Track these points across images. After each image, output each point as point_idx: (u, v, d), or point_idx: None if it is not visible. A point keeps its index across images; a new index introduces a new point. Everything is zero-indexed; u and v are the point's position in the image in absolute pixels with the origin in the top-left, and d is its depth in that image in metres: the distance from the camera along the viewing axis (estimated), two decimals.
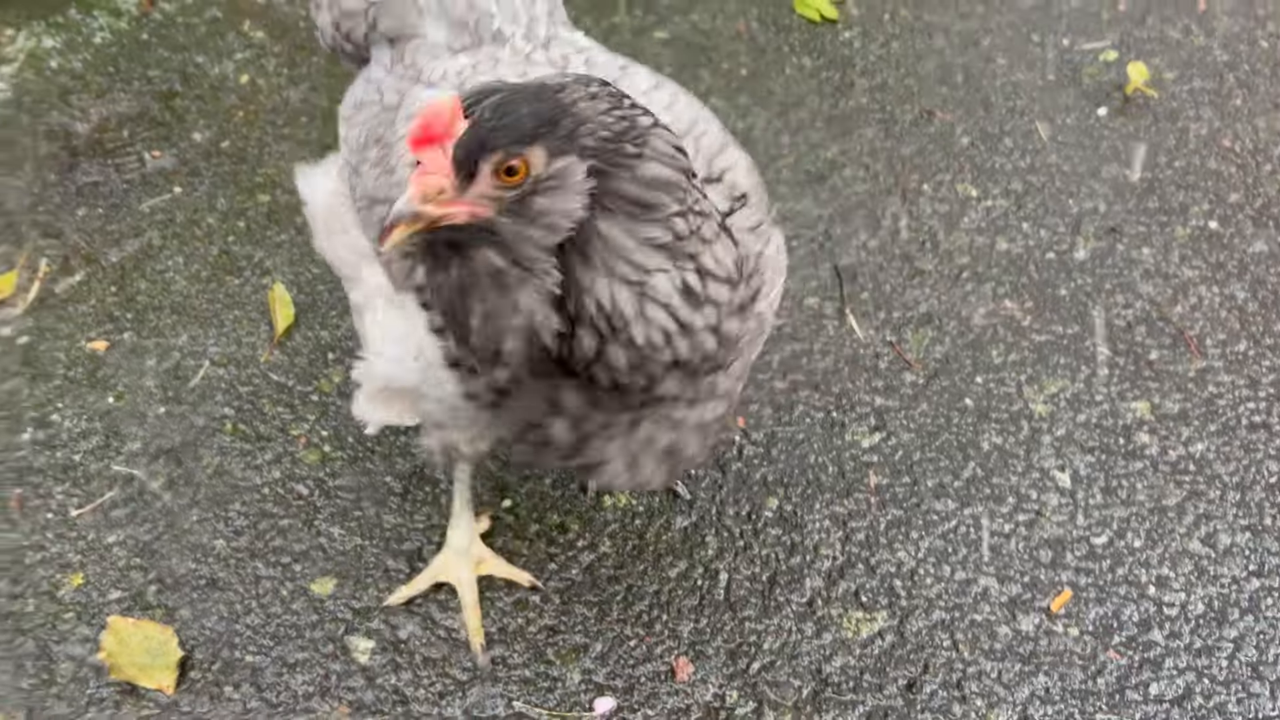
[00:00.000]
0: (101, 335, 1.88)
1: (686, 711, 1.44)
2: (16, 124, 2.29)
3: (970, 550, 1.62)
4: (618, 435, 1.11)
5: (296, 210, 2.13)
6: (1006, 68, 2.56)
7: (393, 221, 0.89)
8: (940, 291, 2.02)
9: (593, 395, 1.03)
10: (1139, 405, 1.83)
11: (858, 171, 2.28)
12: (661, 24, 2.67)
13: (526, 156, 0.90)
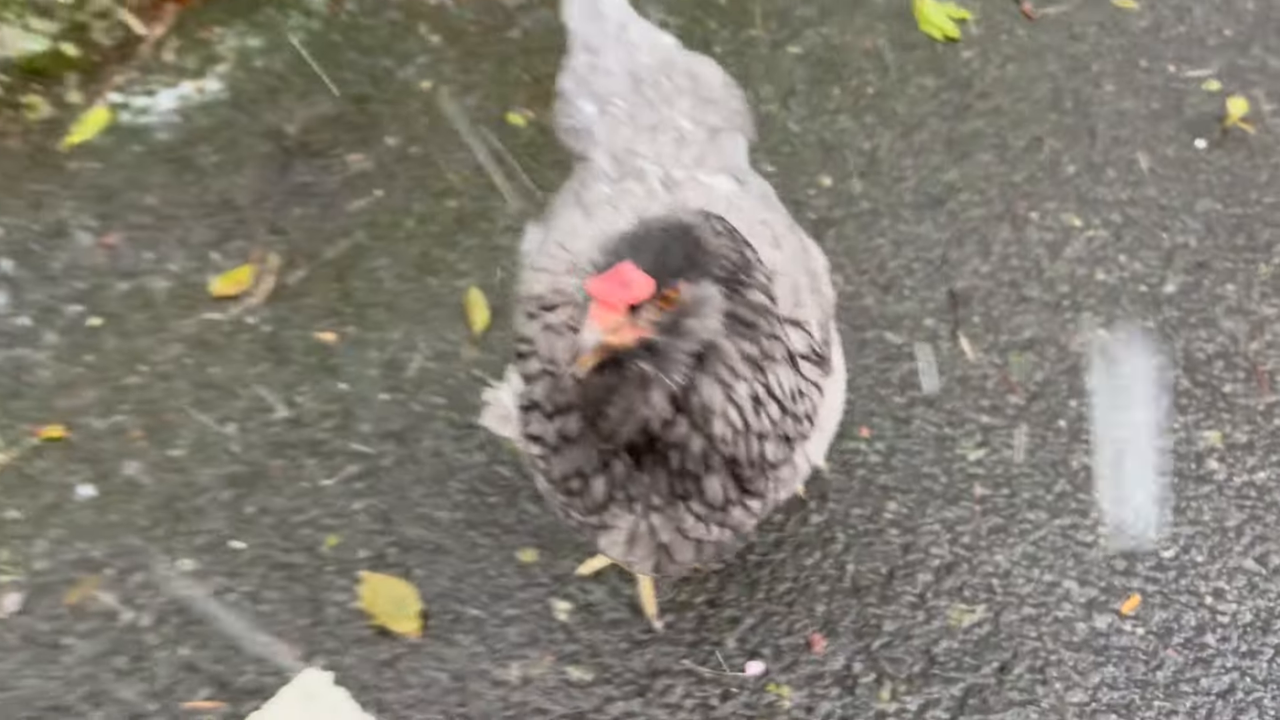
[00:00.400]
0: (329, 327, 2.25)
1: (820, 678, 1.80)
2: (237, 124, 2.64)
3: (1057, 557, 1.94)
4: (633, 513, 1.34)
5: (481, 216, 2.48)
6: (1114, 94, 2.79)
7: (582, 347, 1.10)
8: (1042, 318, 2.31)
9: (638, 469, 1.28)
10: (1211, 434, 2.12)
11: (973, 196, 2.55)
12: (795, 38, 2.92)
13: (678, 288, 1.12)
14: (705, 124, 1.61)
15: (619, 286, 1.08)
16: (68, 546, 1.92)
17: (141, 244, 2.37)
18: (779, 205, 1.67)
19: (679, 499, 1.30)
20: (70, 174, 2.51)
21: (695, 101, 1.62)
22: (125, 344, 2.20)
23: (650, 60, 1.68)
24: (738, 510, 1.34)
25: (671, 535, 1.36)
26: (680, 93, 1.63)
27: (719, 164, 1.57)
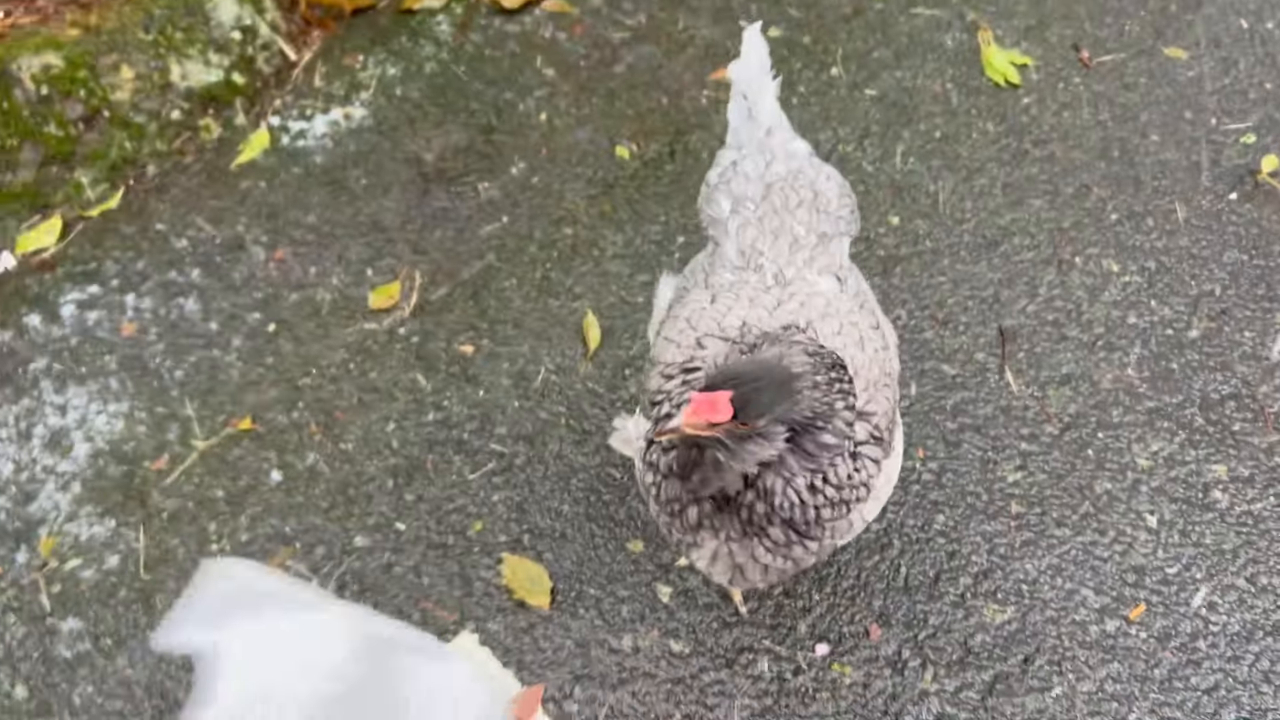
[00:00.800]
0: (468, 340, 2.65)
1: (875, 660, 2.21)
2: (381, 150, 3.03)
3: (1077, 568, 2.33)
4: (717, 539, 1.72)
5: (593, 244, 2.86)
6: (1158, 145, 3.10)
7: (670, 428, 1.48)
8: (1079, 356, 2.66)
9: (719, 511, 1.67)
10: (1218, 468, 2.48)
11: (1025, 240, 2.89)
12: (872, 80, 3.25)
13: (754, 424, 1.45)
14: (817, 231, 1.94)
15: (708, 408, 1.43)
16: (263, 523, 2.35)
17: (306, 260, 2.78)
18: (870, 300, 2.00)
19: (750, 537, 1.67)
20: (242, 192, 2.91)
21: (812, 212, 1.95)
22: (298, 349, 2.62)
23: (782, 169, 2.01)
24: (798, 549, 1.70)
25: (745, 559, 1.73)
26: (801, 204, 1.95)
27: (825, 265, 1.90)
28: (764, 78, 2.15)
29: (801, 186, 2.00)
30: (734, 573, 1.76)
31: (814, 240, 1.94)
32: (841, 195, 2.06)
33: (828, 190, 2.04)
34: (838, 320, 1.79)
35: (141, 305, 2.67)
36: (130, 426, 2.47)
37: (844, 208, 2.05)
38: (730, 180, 2.03)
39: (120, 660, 2.16)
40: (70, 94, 2.76)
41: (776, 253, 1.89)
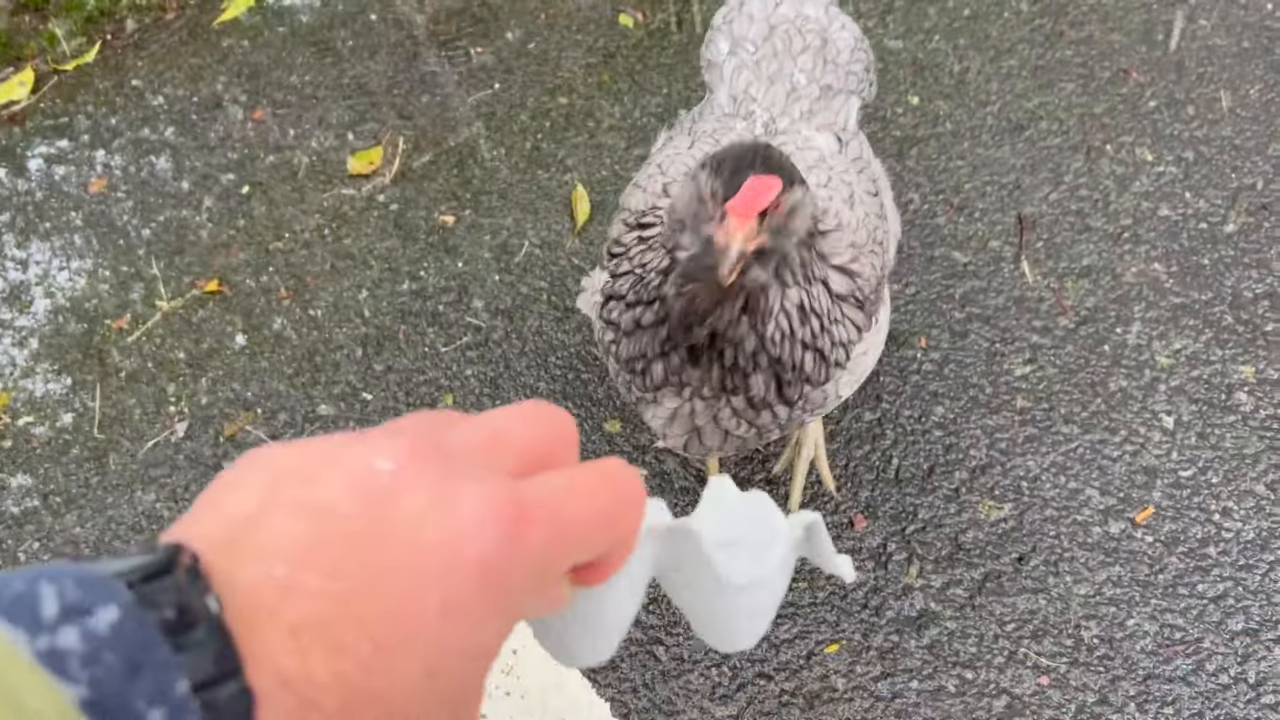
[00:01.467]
0: (449, 210, 2.52)
1: (859, 552, 2.08)
2: (371, 9, 2.87)
3: (1083, 467, 2.17)
4: (680, 397, 1.53)
5: (589, 115, 2.69)
6: (1207, 30, 2.86)
7: (734, 260, 1.22)
8: (1102, 249, 2.48)
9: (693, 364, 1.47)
10: (1245, 369, 2.30)
11: (1052, 125, 2.69)
12: None
13: (787, 193, 1.25)
14: (820, 82, 1.77)
15: (756, 196, 1.21)
16: (224, 387, 2.25)
17: (286, 121, 2.65)
18: (876, 169, 1.83)
19: (724, 393, 1.50)
20: (223, 50, 2.77)
21: (816, 60, 1.78)
22: (272, 212, 2.50)
23: (790, 11, 1.84)
24: (766, 414, 1.54)
25: (705, 421, 1.56)
26: (805, 50, 1.78)
27: (824, 121, 1.73)
28: None
29: (809, 31, 1.83)
30: (690, 436, 1.62)
31: (815, 92, 1.78)
32: (855, 49, 1.89)
33: (839, 40, 1.87)
34: (827, 173, 1.63)
35: (112, 162, 2.55)
36: (93, 284, 2.37)
37: (856, 63, 1.88)
38: (733, 21, 1.87)
39: (69, 518, 2.08)
40: None
41: (771, 100, 1.74)
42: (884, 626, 2.00)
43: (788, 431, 1.70)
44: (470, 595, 0.41)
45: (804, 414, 1.62)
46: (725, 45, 1.85)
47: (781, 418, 1.59)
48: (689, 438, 1.63)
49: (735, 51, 1.83)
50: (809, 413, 1.64)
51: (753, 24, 1.85)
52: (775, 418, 1.58)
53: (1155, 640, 1.99)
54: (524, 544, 0.43)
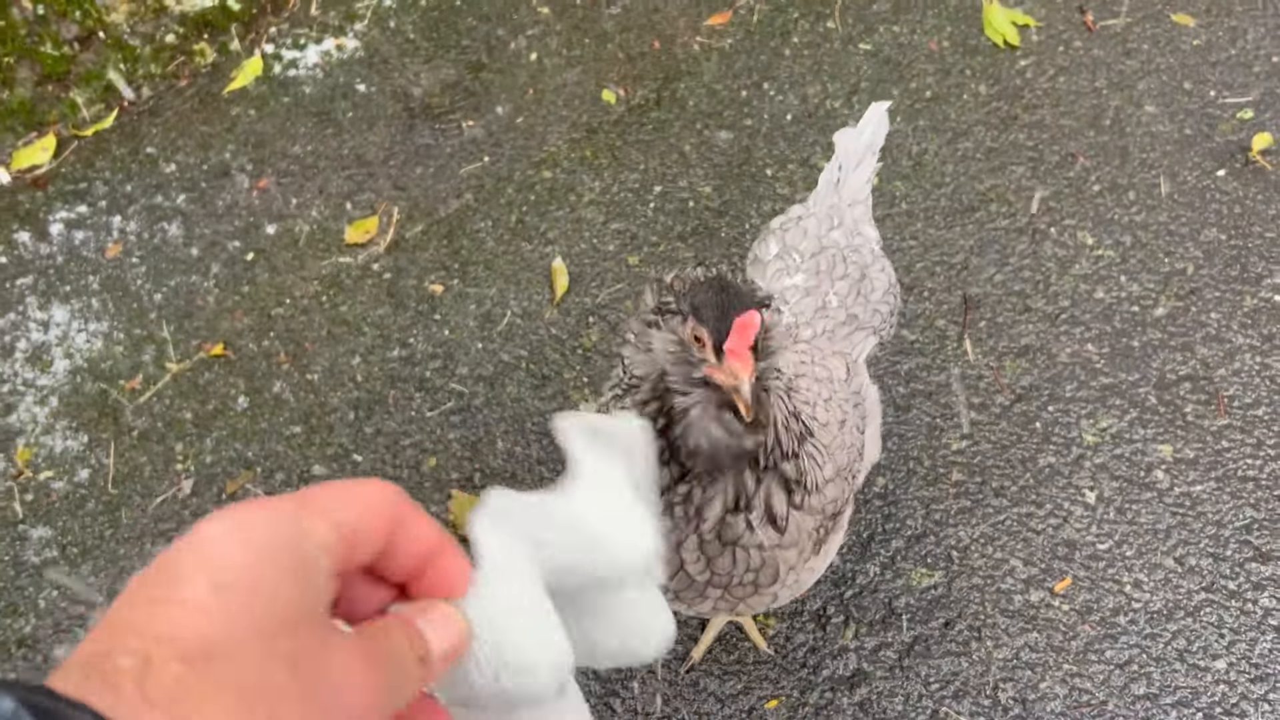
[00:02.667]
0: (438, 280, 2.72)
1: (800, 614, 2.29)
2: (370, 82, 3.07)
3: (1010, 539, 2.38)
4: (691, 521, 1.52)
5: (570, 189, 2.89)
6: (1153, 116, 3.07)
7: (749, 396, 1.29)
8: (1041, 329, 2.68)
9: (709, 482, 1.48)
10: (1164, 448, 2.51)
11: (1002, 208, 2.89)
12: (868, 34, 3.23)
13: (766, 316, 1.33)
14: (849, 309, 1.92)
15: (749, 331, 1.29)
16: (228, 446, 2.46)
17: (289, 190, 2.85)
18: (871, 398, 1.97)
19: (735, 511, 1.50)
20: (232, 119, 2.97)
21: (851, 290, 1.94)
22: (274, 278, 2.70)
23: (842, 240, 2.00)
24: (728, 556, 1.55)
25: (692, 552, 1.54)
26: (845, 278, 1.94)
27: (842, 348, 1.88)
28: (869, 156, 2.16)
29: (852, 263, 1.98)
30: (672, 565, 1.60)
31: (842, 316, 1.92)
32: (888, 291, 2.03)
33: (876, 279, 2.01)
34: (830, 392, 1.77)
35: (127, 228, 2.76)
36: (108, 346, 2.58)
37: (884, 304, 2.02)
38: (788, 230, 2.03)
39: (85, 568, 2.29)
40: (66, 15, 2.81)
41: (802, 309, 1.89)
42: (820, 684, 2.22)
43: (721, 609, 1.72)
44: None
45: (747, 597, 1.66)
46: (775, 248, 2.01)
47: (772, 542, 1.59)
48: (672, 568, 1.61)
49: (783, 256, 1.99)
50: (748, 599, 1.67)
51: (805, 239, 2.01)
52: (735, 564, 1.59)
53: (1065, 702, 2.20)
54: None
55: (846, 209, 2.08)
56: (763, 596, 1.68)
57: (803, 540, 1.64)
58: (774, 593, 1.68)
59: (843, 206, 2.08)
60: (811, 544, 1.68)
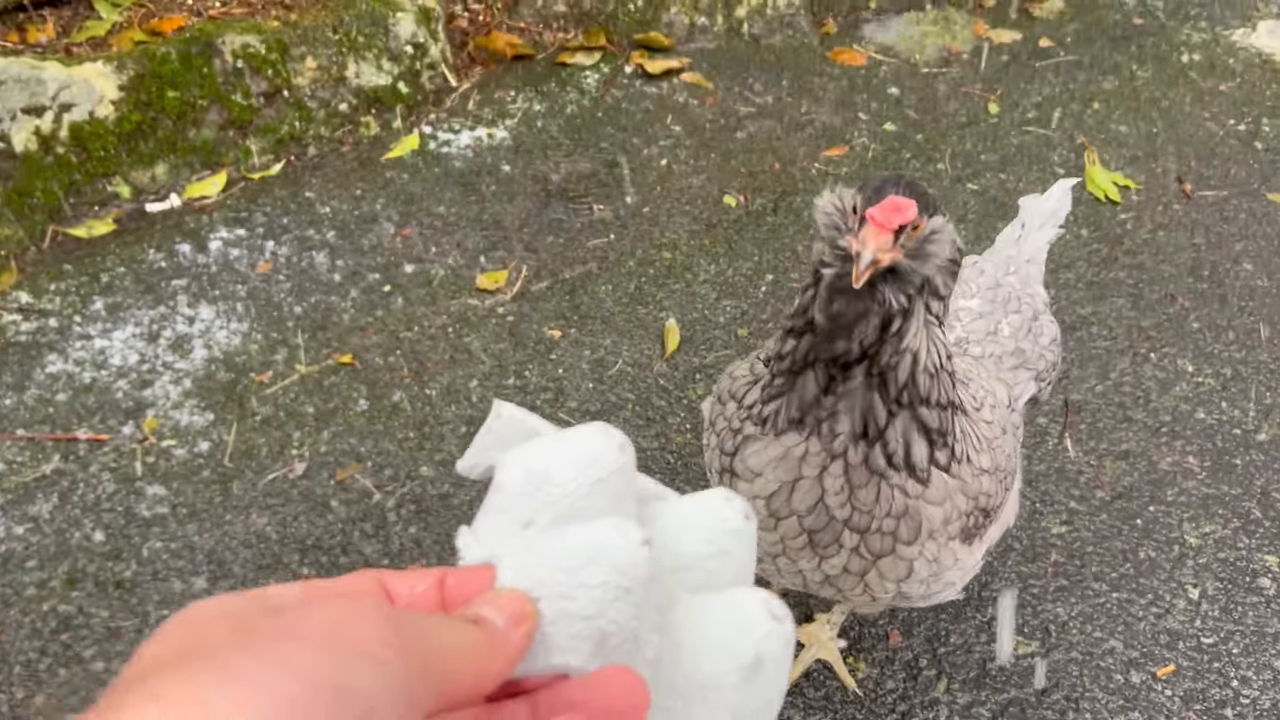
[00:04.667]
0: (557, 326, 2.86)
1: (891, 662, 2.23)
2: (514, 165, 3.34)
3: (1109, 620, 2.33)
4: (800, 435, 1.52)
5: (687, 269, 3.06)
6: (1250, 273, 3.18)
7: (866, 265, 1.26)
8: (1141, 438, 2.71)
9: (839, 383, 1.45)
10: (1270, 559, 2.47)
11: (1102, 330, 2.98)
12: (975, 177, 3.44)
13: (925, 220, 1.32)
14: (1018, 343, 1.98)
15: (894, 211, 1.28)
16: (342, 440, 2.55)
17: (429, 240, 3.06)
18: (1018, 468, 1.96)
19: (860, 439, 1.48)
20: (385, 180, 3.24)
21: (1022, 325, 1.99)
22: (407, 309, 2.87)
23: (1017, 285, 2.08)
24: (873, 488, 1.52)
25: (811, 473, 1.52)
26: (1018, 313, 2.01)
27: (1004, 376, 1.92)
28: (1051, 220, 2.30)
29: (1025, 305, 2.04)
30: (782, 489, 1.57)
31: (1011, 347, 1.97)
32: (1053, 342, 2.06)
33: (1045, 326, 2.07)
34: (994, 400, 1.80)
35: (279, 251, 2.97)
36: (246, 344, 2.73)
37: (1050, 351, 2.04)
38: (965, 269, 2.07)
39: (190, 527, 2.34)
40: (260, 71, 3.15)
41: (974, 328, 1.95)
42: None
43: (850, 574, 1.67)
44: None
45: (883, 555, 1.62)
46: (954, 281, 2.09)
47: (892, 503, 1.57)
48: (779, 490, 1.59)
49: (961, 284, 2.03)
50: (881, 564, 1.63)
51: (982, 276, 2.09)
52: (879, 500, 1.57)
53: None
54: None
55: (1024, 263, 2.17)
56: (898, 565, 1.64)
57: (950, 508, 1.62)
58: (910, 563, 1.64)
59: (1020, 260, 2.16)
60: (959, 525, 1.66)
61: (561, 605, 0.55)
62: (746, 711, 0.59)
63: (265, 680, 0.42)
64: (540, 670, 0.55)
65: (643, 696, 0.55)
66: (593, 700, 0.54)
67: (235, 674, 0.42)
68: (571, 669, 0.55)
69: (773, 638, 0.60)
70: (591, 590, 0.55)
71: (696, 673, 0.58)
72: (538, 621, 0.55)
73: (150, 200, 3.06)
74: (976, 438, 1.68)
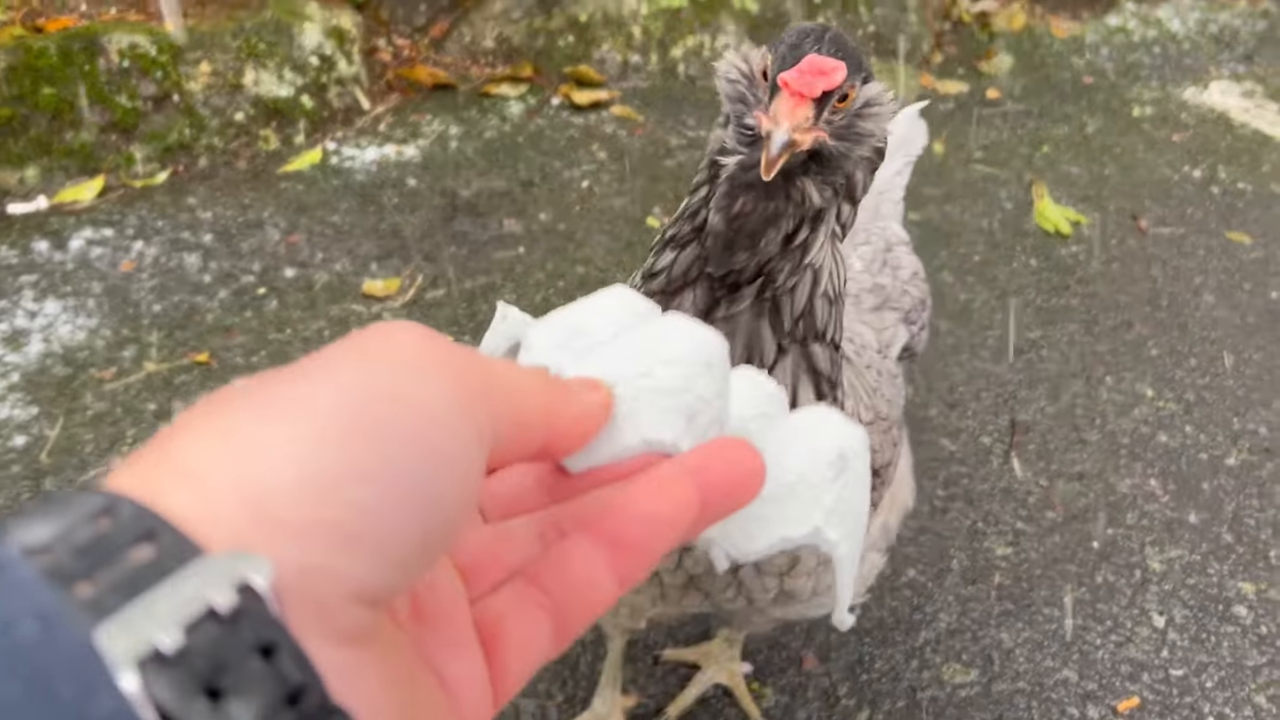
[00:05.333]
0: (450, 334, 2.57)
1: (804, 689, 1.87)
2: (422, 180, 3.11)
3: (1062, 648, 1.98)
4: None
5: (601, 282, 2.80)
6: (1211, 304, 2.94)
7: (780, 148, 0.95)
8: (1097, 460, 2.41)
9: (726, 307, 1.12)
10: (1245, 585, 2.14)
11: (1053, 354, 2.71)
12: (919, 208, 3.23)
13: (855, 86, 1.00)
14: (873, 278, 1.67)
15: (816, 75, 0.98)
16: None
17: (317, 246, 2.80)
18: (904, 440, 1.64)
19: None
20: (279, 190, 3.00)
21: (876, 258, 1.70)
22: (281, 312, 2.58)
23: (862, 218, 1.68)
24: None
25: None
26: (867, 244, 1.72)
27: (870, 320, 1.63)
28: (901, 149, 1.93)
29: (875, 234, 1.73)
30: None
31: (868, 283, 1.65)
32: (915, 275, 1.74)
33: (904, 259, 1.73)
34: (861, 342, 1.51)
35: (147, 251, 2.70)
36: (91, 339, 2.43)
37: (914, 288, 1.71)
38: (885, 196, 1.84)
39: None
40: (148, 73, 2.94)
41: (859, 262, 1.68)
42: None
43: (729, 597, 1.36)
44: None
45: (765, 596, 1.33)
46: None
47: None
48: None
49: None
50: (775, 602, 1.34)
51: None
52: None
53: None
54: None
55: (871, 195, 1.89)
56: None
57: None
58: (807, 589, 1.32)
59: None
60: None
61: (640, 383, 0.50)
62: (840, 512, 0.56)
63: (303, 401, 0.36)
64: (631, 451, 0.50)
65: (757, 460, 0.50)
66: (708, 467, 0.48)
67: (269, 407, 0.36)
68: (666, 446, 0.50)
69: (851, 436, 0.58)
70: (671, 366, 0.50)
71: (785, 474, 0.55)
72: (614, 398, 0.49)
73: (14, 201, 2.80)
74: (861, 391, 1.37)
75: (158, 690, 0.28)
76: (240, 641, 0.30)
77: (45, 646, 0.27)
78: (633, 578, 0.47)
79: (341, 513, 0.34)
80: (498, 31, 3.67)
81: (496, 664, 0.45)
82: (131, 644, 0.28)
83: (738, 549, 0.55)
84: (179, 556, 0.31)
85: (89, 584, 0.29)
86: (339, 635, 0.34)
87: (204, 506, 0.33)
